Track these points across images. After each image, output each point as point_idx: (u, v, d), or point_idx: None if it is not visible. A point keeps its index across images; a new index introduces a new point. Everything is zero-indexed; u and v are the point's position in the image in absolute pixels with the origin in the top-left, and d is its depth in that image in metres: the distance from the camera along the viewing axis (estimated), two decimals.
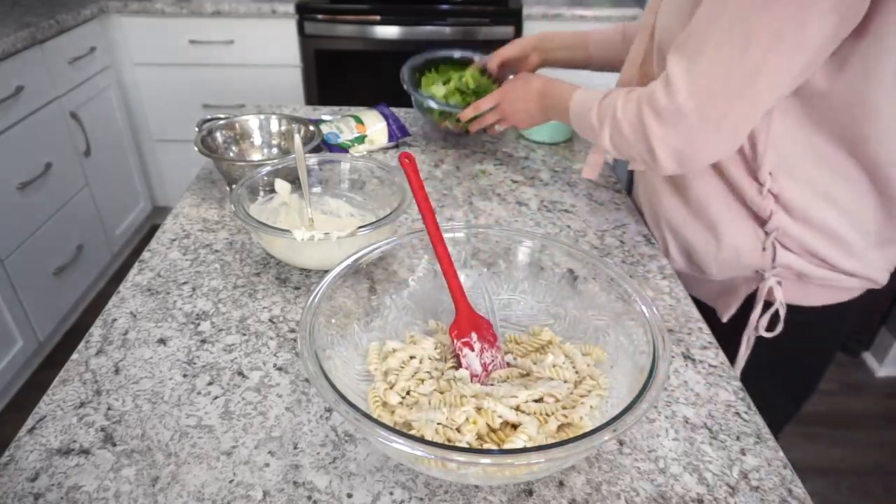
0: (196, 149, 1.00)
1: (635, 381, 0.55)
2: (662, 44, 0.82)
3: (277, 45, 2.34)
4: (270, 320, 0.77)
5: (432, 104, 1.16)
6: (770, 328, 0.87)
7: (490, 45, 1.26)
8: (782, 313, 0.85)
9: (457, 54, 1.28)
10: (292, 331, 0.75)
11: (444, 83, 1.20)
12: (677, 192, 0.90)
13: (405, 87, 1.19)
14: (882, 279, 0.84)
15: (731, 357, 0.91)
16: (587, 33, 1.13)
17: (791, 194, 0.78)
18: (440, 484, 0.57)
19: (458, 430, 0.54)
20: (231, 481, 0.57)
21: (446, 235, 0.68)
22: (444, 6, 2.26)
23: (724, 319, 0.93)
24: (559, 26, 2.28)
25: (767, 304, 0.86)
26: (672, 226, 0.93)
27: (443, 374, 0.64)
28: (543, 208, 1.04)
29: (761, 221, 0.82)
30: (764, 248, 0.83)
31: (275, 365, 0.70)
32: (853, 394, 2.04)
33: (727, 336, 0.86)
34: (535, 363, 0.64)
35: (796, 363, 0.94)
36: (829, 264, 0.81)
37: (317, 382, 0.51)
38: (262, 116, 1.13)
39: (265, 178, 0.89)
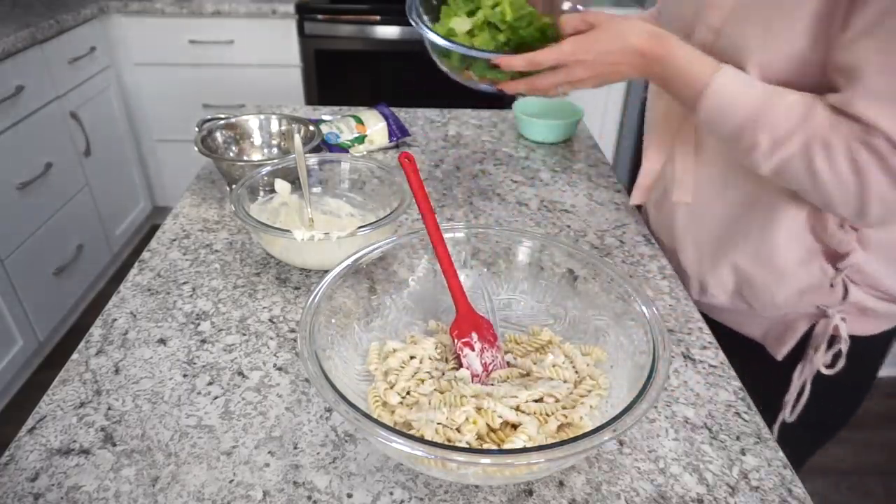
0: (196, 149, 1.00)
1: (635, 381, 0.55)
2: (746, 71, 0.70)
3: (277, 45, 2.34)
4: (270, 320, 0.77)
5: (445, 44, 0.77)
6: (829, 364, 0.82)
7: None
8: (845, 350, 0.80)
9: None
10: (292, 331, 0.75)
11: (470, 14, 0.81)
12: (741, 227, 0.81)
13: (412, 20, 0.82)
14: None
15: (776, 394, 0.86)
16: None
17: (877, 230, 0.73)
18: (440, 484, 0.57)
19: (458, 430, 0.54)
20: (231, 481, 0.57)
21: (446, 235, 0.68)
22: None
23: (780, 357, 0.86)
24: None
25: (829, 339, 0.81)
26: (725, 260, 0.84)
27: (443, 374, 0.64)
28: (543, 208, 1.04)
29: (833, 257, 0.76)
30: (832, 285, 0.77)
31: (275, 365, 0.70)
32: None
33: (767, 370, 0.82)
34: (535, 363, 0.64)
35: (839, 393, 0.88)
36: (893, 296, 0.78)
37: (317, 382, 0.51)
38: (262, 116, 1.13)
39: (265, 178, 0.89)
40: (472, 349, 0.65)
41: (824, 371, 0.82)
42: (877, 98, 0.60)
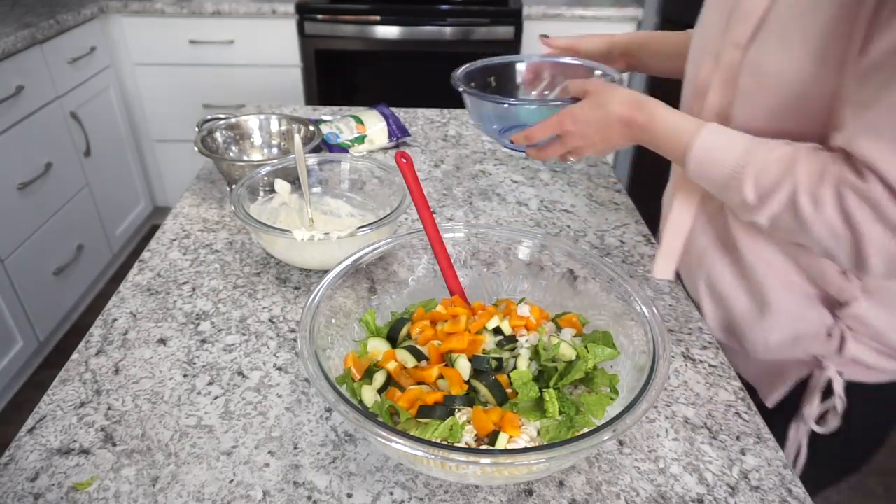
0: (196, 149, 1.00)
1: (635, 381, 0.55)
2: (754, 90, 0.65)
3: (277, 45, 2.34)
4: (270, 320, 0.77)
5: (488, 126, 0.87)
6: (822, 418, 0.76)
7: (490, 46, 1.25)
8: (840, 408, 0.73)
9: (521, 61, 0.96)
10: (292, 331, 0.75)
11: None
12: (731, 261, 0.76)
13: (462, 89, 0.84)
14: None
15: (778, 440, 0.74)
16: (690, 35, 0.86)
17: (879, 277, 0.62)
18: (440, 484, 0.57)
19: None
20: (231, 481, 0.57)
21: (446, 235, 0.68)
22: (444, 6, 2.26)
23: (770, 405, 0.80)
24: (559, 26, 2.28)
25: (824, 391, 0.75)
26: (715, 293, 0.79)
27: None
28: (543, 208, 1.04)
29: (832, 304, 0.71)
30: (829, 335, 0.72)
31: (275, 365, 0.70)
32: None
33: (769, 417, 0.71)
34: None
35: (850, 441, 0.79)
36: None
37: (317, 382, 0.51)
38: (262, 116, 1.13)
39: (265, 178, 0.89)
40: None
41: (816, 429, 0.76)
42: (880, 135, 0.54)
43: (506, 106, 0.82)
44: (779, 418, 0.77)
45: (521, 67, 0.94)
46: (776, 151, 0.60)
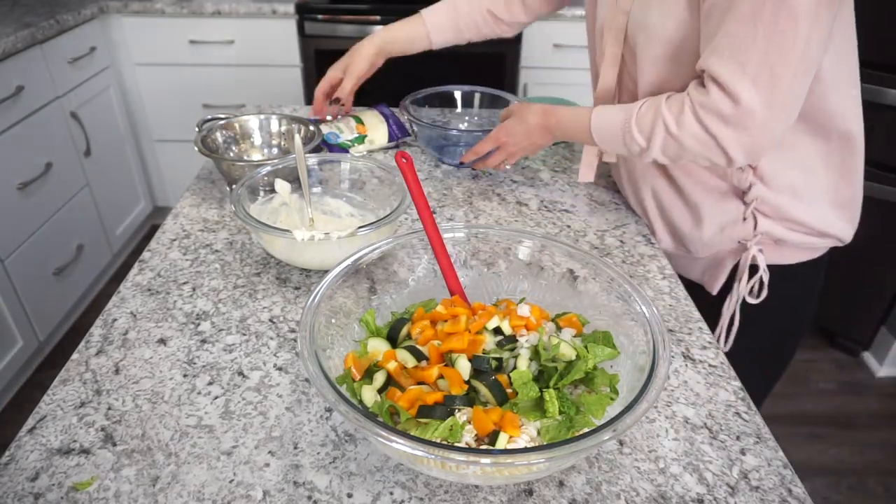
0: (196, 149, 1.00)
1: (635, 381, 0.55)
2: (646, 44, 0.82)
3: (277, 45, 2.34)
4: (270, 320, 0.77)
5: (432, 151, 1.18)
6: (754, 296, 0.94)
7: (490, 45, 1.25)
8: (766, 279, 0.91)
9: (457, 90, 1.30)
10: (292, 331, 0.75)
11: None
12: (663, 175, 0.94)
13: (410, 113, 1.17)
14: (845, 236, 0.91)
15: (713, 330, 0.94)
16: (423, 19, 1.18)
17: (766, 164, 0.84)
18: (440, 484, 0.57)
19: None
20: (231, 481, 0.57)
21: (446, 235, 0.68)
22: None
23: (714, 292, 0.99)
24: (559, 26, 2.28)
25: (751, 272, 0.92)
26: (659, 206, 0.97)
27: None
28: (543, 208, 1.04)
29: (740, 193, 0.88)
30: (744, 219, 0.89)
31: (275, 365, 0.70)
32: (853, 394, 2.04)
33: (710, 312, 0.90)
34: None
35: (772, 329, 0.99)
36: (801, 225, 0.88)
37: (317, 382, 0.51)
38: (262, 116, 1.13)
39: (265, 178, 0.89)
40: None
41: (749, 300, 0.94)
42: (720, 54, 0.72)
43: (455, 132, 1.15)
44: (721, 302, 0.97)
45: (456, 94, 1.30)
46: (645, 104, 0.81)
